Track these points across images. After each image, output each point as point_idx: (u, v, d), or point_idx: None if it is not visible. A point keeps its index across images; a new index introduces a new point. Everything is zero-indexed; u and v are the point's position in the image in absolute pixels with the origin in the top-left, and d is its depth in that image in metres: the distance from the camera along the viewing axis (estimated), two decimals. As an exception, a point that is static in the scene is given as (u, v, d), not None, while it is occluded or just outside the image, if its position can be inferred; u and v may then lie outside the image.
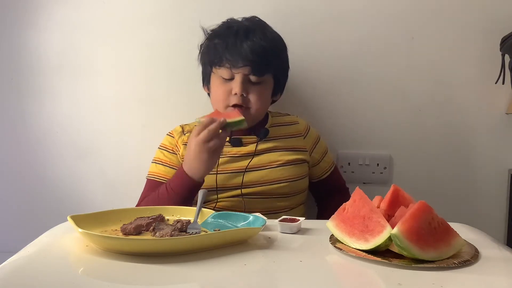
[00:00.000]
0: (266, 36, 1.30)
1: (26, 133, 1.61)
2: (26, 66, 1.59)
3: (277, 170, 1.32)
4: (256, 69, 1.28)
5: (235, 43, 1.27)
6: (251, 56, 1.26)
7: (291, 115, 1.47)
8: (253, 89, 1.30)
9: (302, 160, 1.37)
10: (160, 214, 0.99)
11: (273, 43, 1.32)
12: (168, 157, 1.35)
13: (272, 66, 1.32)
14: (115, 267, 0.79)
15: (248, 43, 1.27)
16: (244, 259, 0.83)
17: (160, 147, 1.39)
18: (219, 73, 1.31)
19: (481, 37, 1.53)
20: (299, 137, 1.41)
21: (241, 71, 1.28)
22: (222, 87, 1.31)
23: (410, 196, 0.95)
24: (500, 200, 1.58)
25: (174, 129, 1.40)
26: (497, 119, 1.56)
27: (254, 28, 1.30)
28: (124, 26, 1.57)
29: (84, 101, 1.60)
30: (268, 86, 1.35)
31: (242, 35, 1.28)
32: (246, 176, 1.30)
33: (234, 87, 1.29)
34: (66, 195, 1.62)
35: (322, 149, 1.45)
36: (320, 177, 1.45)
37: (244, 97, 1.29)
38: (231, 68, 1.28)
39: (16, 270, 0.78)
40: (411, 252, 0.80)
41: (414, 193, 0.96)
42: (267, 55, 1.28)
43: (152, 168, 1.37)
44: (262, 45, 1.27)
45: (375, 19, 1.54)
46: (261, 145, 1.34)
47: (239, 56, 1.26)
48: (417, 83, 1.56)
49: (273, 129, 1.38)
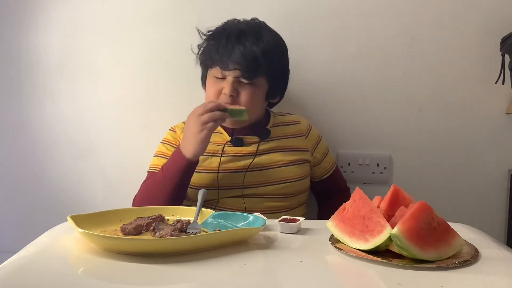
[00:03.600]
0: (259, 40, 1.29)
1: (26, 133, 1.61)
2: (26, 66, 1.59)
3: (279, 170, 1.32)
4: (246, 73, 1.28)
5: (226, 46, 1.28)
6: (240, 60, 1.27)
7: (292, 115, 1.47)
8: (244, 90, 1.30)
9: (304, 160, 1.37)
10: (160, 214, 0.99)
11: (267, 47, 1.30)
12: (171, 151, 1.36)
13: (264, 70, 1.30)
14: (115, 267, 0.79)
15: (240, 48, 1.27)
16: (244, 259, 0.83)
17: (163, 141, 1.40)
18: (212, 72, 1.33)
19: (481, 37, 1.53)
20: (301, 137, 1.41)
21: (232, 73, 1.29)
22: (215, 85, 1.32)
23: (410, 196, 0.95)
24: (500, 200, 1.58)
25: (177, 125, 1.41)
26: (497, 119, 1.56)
27: (248, 32, 1.30)
28: (124, 26, 1.57)
29: (84, 101, 1.60)
30: (261, 88, 1.34)
31: (234, 38, 1.29)
32: (247, 176, 1.30)
33: (225, 86, 1.30)
34: (66, 195, 1.62)
35: (324, 149, 1.45)
36: (322, 177, 1.45)
37: (234, 98, 1.30)
38: (221, 70, 1.30)
39: (16, 270, 0.78)
40: (411, 252, 0.80)
41: (414, 193, 0.96)
42: (257, 60, 1.28)
43: (153, 161, 1.37)
44: (253, 50, 1.27)
45: (375, 20, 1.54)
46: (263, 145, 1.34)
47: (228, 60, 1.27)
48: (417, 83, 1.56)
49: (275, 129, 1.39)
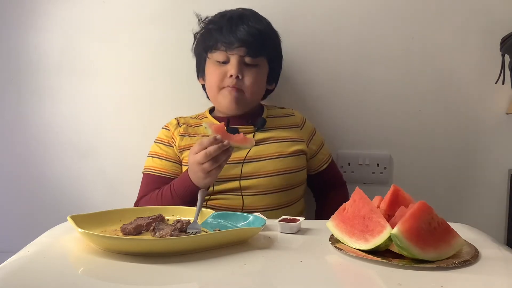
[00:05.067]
0: (260, 21, 1.35)
1: (26, 133, 1.61)
2: (26, 66, 1.59)
3: (276, 161, 1.31)
4: (251, 50, 1.30)
5: (229, 27, 1.31)
6: (245, 37, 1.29)
7: (286, 108, 1.48)
8: (248, 71, 1.32)
9: (301, 151, 1.37)
10: (160, 214, 0.99)
11: (268, 28, 1.36)
12: (165, 150, 1.35)
13: (267, 49, 1.34)
14: (115, 267, 0.79)
15: (244, 26, 1.30)
16: (244, 259, 0.83)
17: (156, 140, 1.38)
18: (214, 57, 1.34)
19: (481, 37, 1.53)
20: (296, 128, 1.41)
21: (236, 52, 1.30)
22: (218, 70, 1.33)
23: (410, 196, 0.94)
24: (500, 200, 1.58)
25: (169, 122, 1.40)
26: (497, 119, 1.56)
27: (248, 14, 1.35)
28: (124, 26, 1.57)
29: (84, 101, 1.60)
30: (263, 70, 1.37)
31: (237, 19, 1.32)
32: (244, 167, 1.30)
33: (229, 69, 1.31)
34: (66, 195, 1.62)
35: (319, 141, 1.45)
36: (318, 168, 1.45)
37: (239, 80, 1.31)
38: (226, 50, 1.31)
39: (16, 270, 0.78)
40: (411, 252, 0.80)
41: (414, 193, 0.96)
42: (262, 37, 1.31)
43: (148, 162, 1.36)
44: (256, 28, 1.31)
45: (375, 19, 1.54)
46: (259, 135, 1.34)
47: (234, 38, 1.29)
48: (417, 83, 1.56)
49: (270, 120, 1.39)
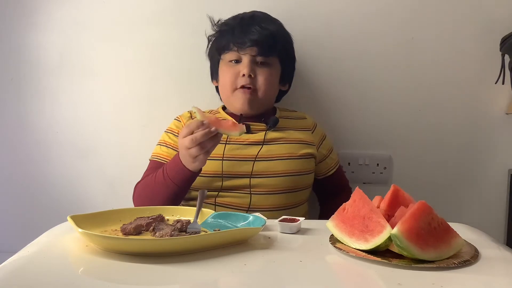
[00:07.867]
0: (272, 22, 1.37)
1: (26, 133, 1.61)
2: (26, 66, 1.59)
3: (286, 162, 1.32)
4: (263, 49, 1.32)
5: (241, 28, 1.33)
6: (258, 36, 1.31)
7: (298, 111, 1.48)
8: (260, 70, 1.34)
9: (311, 154, 1.37)
10: (160, 214, 0.99)
11: (280, 28, 1.38)
12: (173, 140, 1.36)
13: (278, 49, 1.35)
14: (115, 267, 0.79)
15: (255, 27, 1.32)
16: (244, 259, 0.83)
17: (167, 130, 1.40)
18: (227, 57, 1.35)
19: (481, 37, 1.53)
20: (307, 131, 1.41)
21: (248, 51, 1.32)
22: (230, 70, 1.34)
23: (410, 196, 0.94)
24: (500, 200, 1.58)
25: (182, 114, 1.42)
26: (497, 119, 1.56)
27: (260, 16, 1.37)
28: (124, 26, 1.57)
29: (84, 101, 1.60)
30: (275, 69, 1.37)
31: (248, 20, 1.34)
32: (255, 165, 1.30)
33: (241, 69, 1.32)
34: (66, 195, 1.62)
35: (328, 146, 1.46)
36: (326, 173, 1.45)
37: (252, 78, 1.32)
38: (238, 50, 1.32)
39: (16, 270, 0.78)
40: (411, 252, 0.80)
41: (414, 193, 0.96)
42: (273, 37, 1.33)
43: (156, 149, 1.38)
44: (267, 28, 1.33)
45: (376, 20, 1.54)
46: (270, 134, 1.34)
47: (245, 38, 1.31)
48: (417, 83, 1.56)
49: (282, 121, 1.39)
